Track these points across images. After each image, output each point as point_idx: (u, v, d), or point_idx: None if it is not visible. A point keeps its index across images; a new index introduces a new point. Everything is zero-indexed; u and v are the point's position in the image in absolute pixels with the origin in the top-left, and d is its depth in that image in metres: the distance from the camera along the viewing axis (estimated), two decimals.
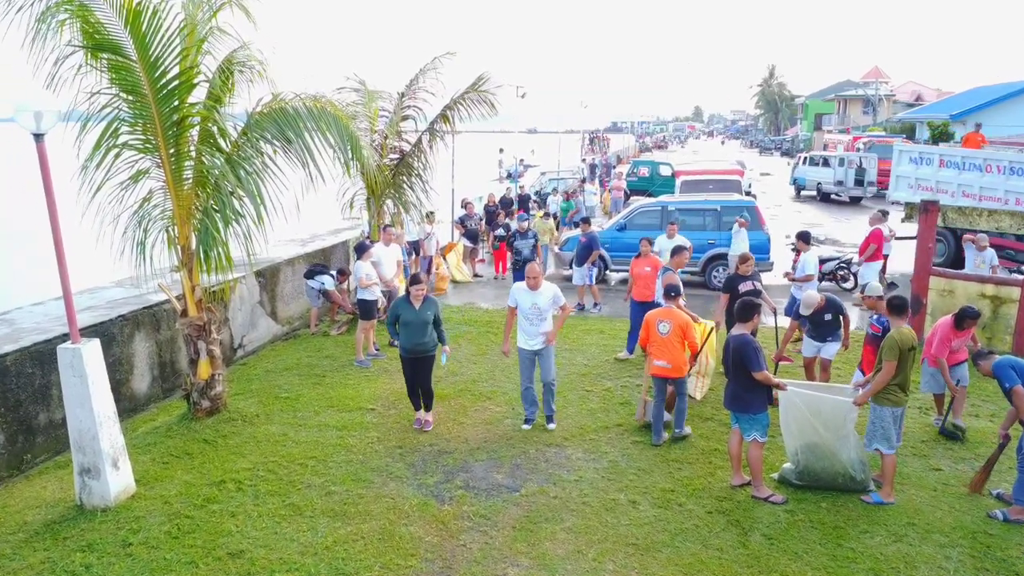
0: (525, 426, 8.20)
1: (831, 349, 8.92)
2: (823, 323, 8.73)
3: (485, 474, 7.17)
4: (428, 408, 8.37)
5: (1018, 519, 6.29)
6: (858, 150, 35.17)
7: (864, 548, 5.93)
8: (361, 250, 10.82)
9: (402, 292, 12.32)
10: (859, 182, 31.08)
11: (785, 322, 9.86)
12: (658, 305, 8.99)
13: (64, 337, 7.17)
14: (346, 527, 6.18)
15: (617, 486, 6.94)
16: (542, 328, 7.91)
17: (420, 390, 8.23)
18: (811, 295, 8.66)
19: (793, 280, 11.20)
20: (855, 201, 31.55)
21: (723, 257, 15.48)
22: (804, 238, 11.41)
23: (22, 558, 5.75)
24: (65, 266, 6.20)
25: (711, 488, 6.92)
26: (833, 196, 32.05)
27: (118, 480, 6.57)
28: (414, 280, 7.98)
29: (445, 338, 8.25)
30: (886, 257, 15.12)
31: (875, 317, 7.96)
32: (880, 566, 5.68)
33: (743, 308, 6.87)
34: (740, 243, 14.39)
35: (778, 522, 6.33)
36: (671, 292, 8.16)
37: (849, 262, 15.39)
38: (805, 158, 35.93)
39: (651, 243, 11.29)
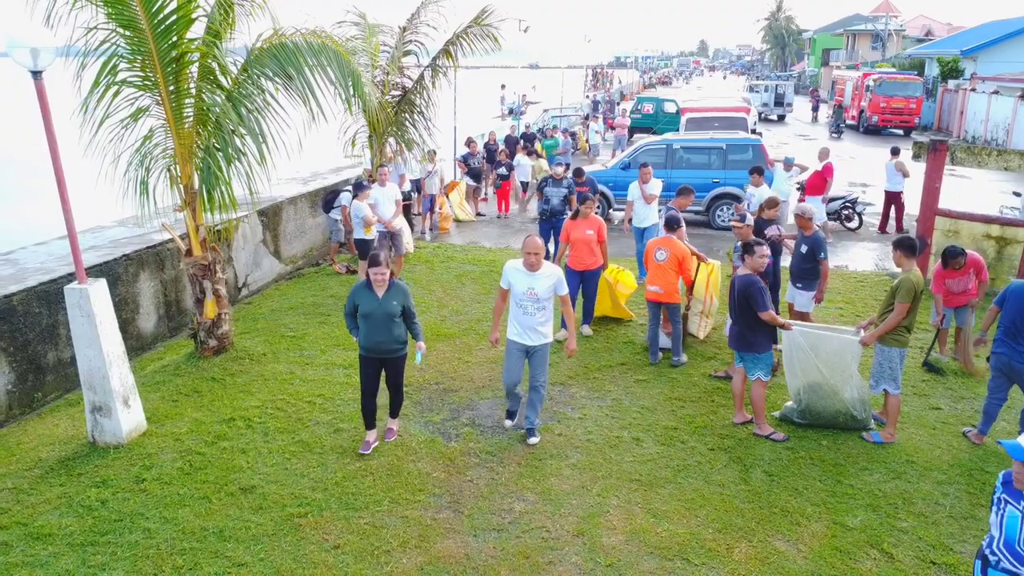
0: (508, 422, 6.96)
1: (801, 299, 8.41)
2: (800, 262, 8.33)
3: (490, 412, 7.27)
4: (395, 413, 6.75)
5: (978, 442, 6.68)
6: (868, 88, 34.61)
7: (863, 484, 6.04)
8: (358, 189, 10.73)
9: (405, 232, 12.28)
10: (779, 103, 41.71)
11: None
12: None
13: (69, 277, 7.18)
14: (355, 463, 6.29)
15: (621, 424, 7.04)
16: (539, 321, 6.39)
17: (389, 391, 6.63)
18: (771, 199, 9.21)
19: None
20: (780, 119, 41.30)
21: (728, 196, 15.37)
22: (758, 171, 12.13)
23: (39, 493, 5.87)
24: (68, 206, 6.17)
25: (713, 426, 7.02)
26: (765, 116, 40.12)
27: (129, 418, 6.67)
28: (373, 261, 6.17)
29: (419, 332, 6.53)
30: (893, 194, 15.04)
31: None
32: (878, 502, 5.80)
33: (747, 247, 6.84)
34: (783, 184, 14.19)
35: (779, 459, 6.44)
36: (672, 224, 8.31)
37: (855, 201, 15.28)
38: (749, 86, 46.28)
39: (593, 201, 9.10)
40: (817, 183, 14.02)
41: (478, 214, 17.15)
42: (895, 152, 15.35)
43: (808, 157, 17.17)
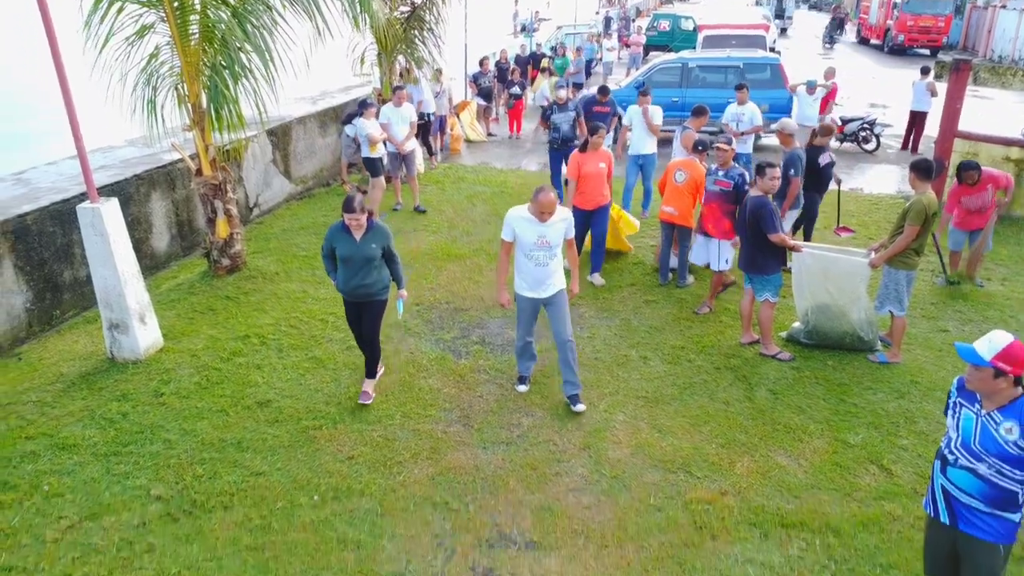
0: (520, 387, 6.30)
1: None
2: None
3: (500, 331, 7.37)
4: (371, 373, 6.20)
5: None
6: (895, 5, 33.40)
7: (866, 404, 6.14)
8: (363, 107, 10.59)
9: (418, 156, 12.06)
10: (779, 16, 42.06)
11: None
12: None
13: (81, 197, 7.22)
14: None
15: (629, 343, 7.13)
16: (552, 270, 5.77)
17: (362, 347, 6.22)
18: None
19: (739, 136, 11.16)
20: (783, 33, 40.32)
21: None
22: (742, 87, 11.75)
23: (62, 406, 6.06)
24: (77, 125, 6.15)
25: (720, 345, 7.10)
26: None
27: (146, 335, 6.81)
28: (346, 206, 5.60)
29: (402, 279, 6.06)
30: (919, 115, 14.73)
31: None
32: (880, 420, 5.91)
33: (759, 169, 6.75)
34: (808, 109, 13.69)
35: (784, 378, 6.53)
36: (699, 147, 8.21)
37: (873, 123, 14.97)
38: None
39: (605, 130, 8.24)
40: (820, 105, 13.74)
41: (489, 134, 16.95)
42: (925, 71, 14.95)
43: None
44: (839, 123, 14.54)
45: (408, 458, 5.43)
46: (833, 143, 13.89)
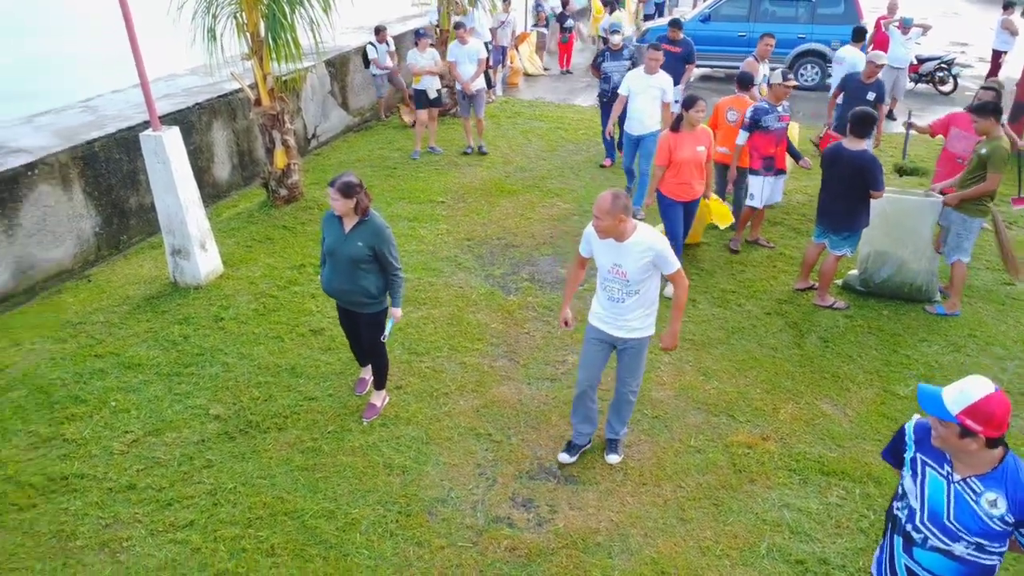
0: (563, 456, 4.87)
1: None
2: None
3: (550, 268, 7.39)
4: (378, 384, 5.32)
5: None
6: None
7: (919, 355, 6.03)
8: (418, 36, 10.45)
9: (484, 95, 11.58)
10: None
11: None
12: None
13: (145, 124, 7.39)
14: (417, 311, 6.56)
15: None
16: (629, 309, 4.40)
17: (367, 356, 5.44)
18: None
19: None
20: None
21: (814, 54, 14.51)
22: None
23: (128, 327, 6.35)
24: (140, 53, 6.26)
25: (772, 291, 7.01)
26: None
27: (207, 261, 7.04)
28: (331, 183, 4.61)
29: (397, 294, 4.94)
30: (997, 54, 13.94)
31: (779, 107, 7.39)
32: (933, 373, 5.80)
33: (863, 122, 6.17)
34: (900, 49, 12.50)
35: (836, 326, 6.44)
36: (745, 81, 7.89)
37: (951, 63, 14.23)
38: None
39: (703, 103, 6.58)
40: (880, 41, 12.89)
41: (545, 68, 16.67)
42: (1007, 7, 14.07)
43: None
44: (915, 61, 13.83)
45: (454, 390, 5.57)
46: (908, 84, 13.28)
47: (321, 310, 6.58)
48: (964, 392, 2.50)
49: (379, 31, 11.61)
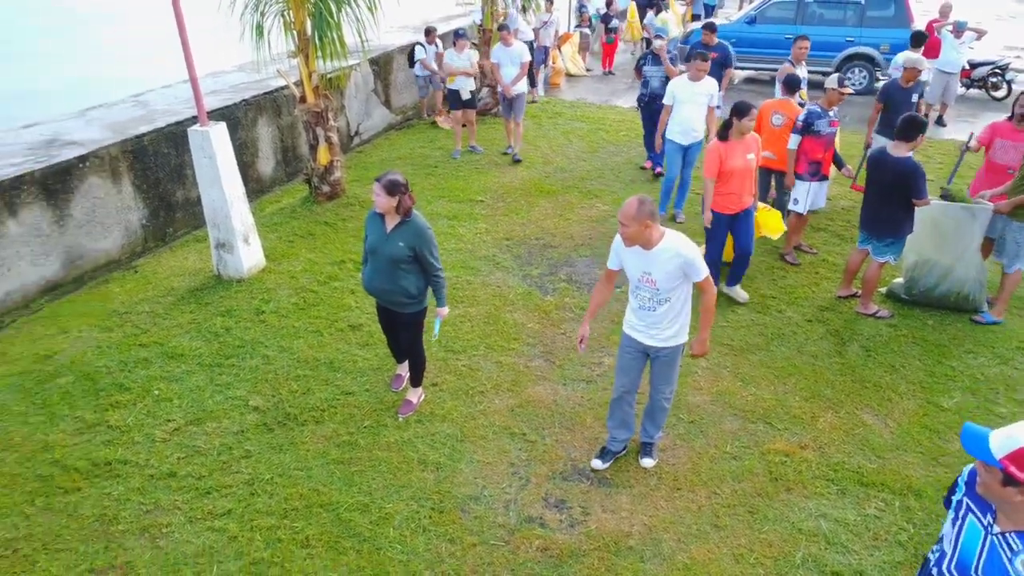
0: (596, 463, 4.84)
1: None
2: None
3: (587, 269, 7.38)
4: (415, 381, 5.36)
5: None
6: None
7: (965, 367, 5.89)
8: (456, 37, 10.43)
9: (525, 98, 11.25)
10: None
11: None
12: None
13: (193, 119, 7.55)
14: (455, 309, 6.59)
15: (716, 289, 7.01)
16: (661, 317, 4.35)
17: (399, 353, 5.55)
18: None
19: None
20: None
21: (862, 57, 14.26)
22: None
23: (173, 318, 6.49)
24: (189, 50, 6.39)
25: (814, 297, 6.90)
26: None
27: (250, 255, 7.15)
28: (377, 179, 4.66)
29: (441, 294, 4.96)
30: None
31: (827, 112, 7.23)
32: (978, 386, 5.66)
33: (910, 128, 6.05)
34: (952, 53, 11.94)
35: (879, 335, 6.32)
36: (792, 83, 7.76)
37: (1005, 68, 13.86)
38: None
39: (755, 111, 6.36)
40: (932, 45, 12.54)
41: (587, 68, 16.63)
42: None
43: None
44: (967, 66, 13.49)
45: (489, 388, 5.58)
46: (959, 89, 12.98)
47: (360, 306, 6.65)
48: (1012, 436, 2.27)
49: (429, 32, 11.61)
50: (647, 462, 4.85)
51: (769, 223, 7.22)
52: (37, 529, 4.32)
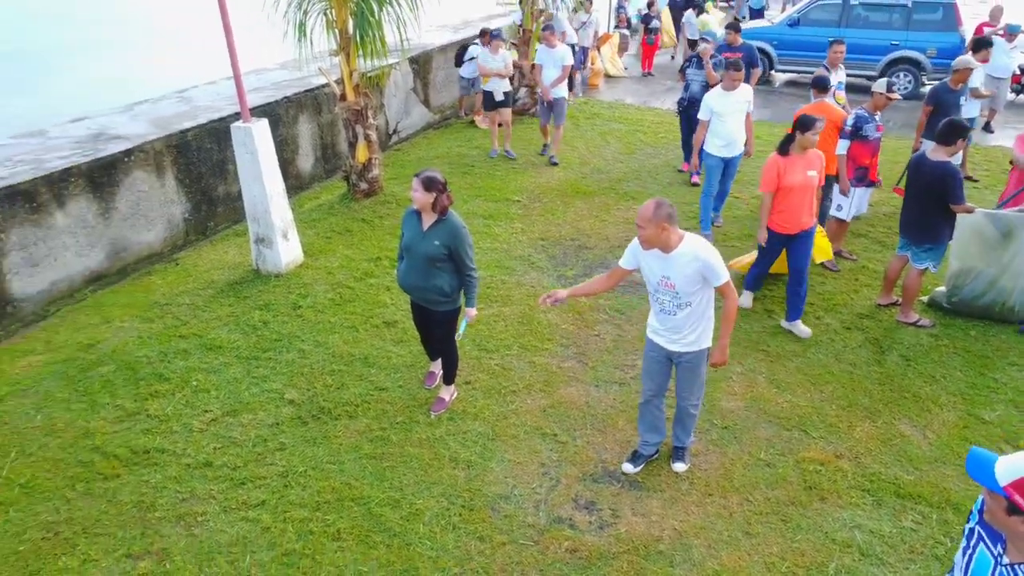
0: (627, 467, 4.80)
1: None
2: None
3: None
4: (447, 379, 5.38)
5: None
6: None
7: (1008, 380, 5.74)
8: (493, 37, 10.36)
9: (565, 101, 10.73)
10: None
11: None
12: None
13: (235, 116, 7.66)
14: (489, 308, 6.61)
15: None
16: (683, 323, 4.29)
17: (432, 351, 5.55)
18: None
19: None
20: None
21: (907, 62, 14.00)
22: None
23: (212, 310, 6.60)
24: (234, 48, 6.49)
25: (852, 305, 6.79)
26: None
27: (288, 250, 7.25)
28: (419, 173, 4.73)
29: (471, 294, 4.98)
30: None
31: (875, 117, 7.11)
32: (1022, 399, 5.52)
33: (950, 132, 5.92)
34: (1004, 58, 11.51)
35: (919, 344, 6.19)
36: (820, 83, 7.63)
37: None
38: None
39: (821, 123, 5.99)
40: None
41: (624, 68, 16.56)
42: None
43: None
44: (1018, 71, 13.14)
45: (522, 388, 5.59)
46: (1009, 95, 12.67)
47: (395, 303, 6.71)
48: (1018, 464, 2.17)
49: (484, 33, 11.13)
50: (679, 467, 4.81)
51: (819, 245, 6.85)
52: (77, 513, 4.43)
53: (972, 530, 2.50)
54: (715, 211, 8.53)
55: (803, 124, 5.90)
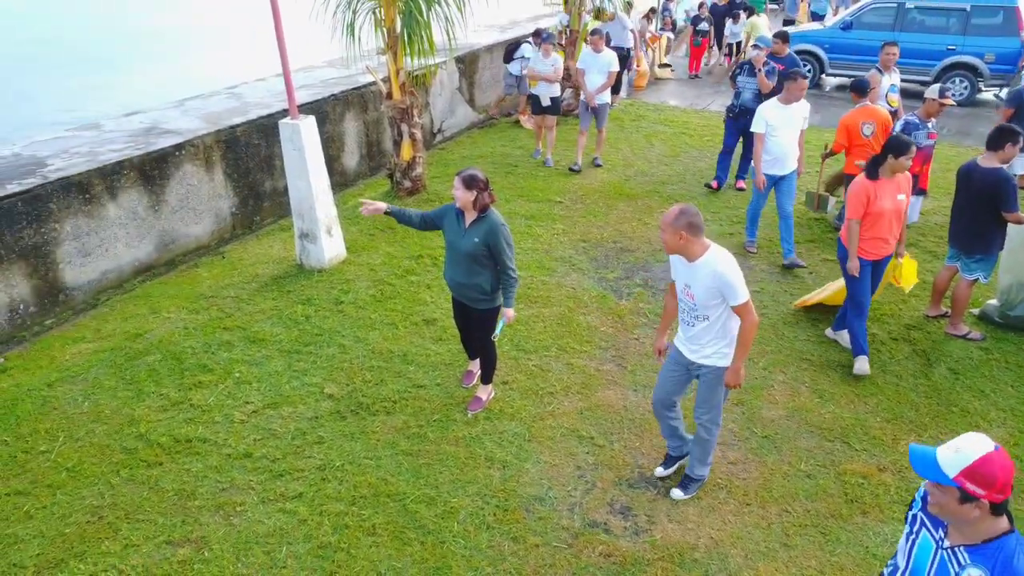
0: (660, 470, 4.77)
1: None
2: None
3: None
4: (485, 378, 5.38)
5: None
6: None
7: None
8: (544, 40, 10.17)
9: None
10: None
11: None
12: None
13: (283, 112, 7.78)
14: (528, 309, 6.60)
15: (798, 301, 6.82)
16: (700, 334, 4.18)
17: (471, 349, 5.57)
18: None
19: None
20: None
21: (963, 67, 13.63)
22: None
23: (255, 304, 6.71)
24: (284, 45, 6.59)
25: (900, 315, 6.64)
26: None
27: (331, 246, 7.33)
28: (458, 173, 4.72)
29: (509, 293, 4.91)
30: None
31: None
32: None
33: (1000, 136, 5.70)
34: None
35: (969, 358, 6.03)
36: (859, 87, 7.44)
37: None
38: None
39: (912, 148, 5.46)
40: None
41: (671, 69, 16.43)
42: None
43: None
44: None
45: (559, 390, 5.57)
46: None
47: (435, 301, 6.74)
48: (961, 452, 2.25)
49: (538, 33, 10.96)
50: (676, 493, 4.60)
51: (909, 272, 6.22)
52: (121, 499, 4.53)
53: (915, 516, 2.55)
54: (786, 242, 7.66)
55: (897, 148, 5.42)
